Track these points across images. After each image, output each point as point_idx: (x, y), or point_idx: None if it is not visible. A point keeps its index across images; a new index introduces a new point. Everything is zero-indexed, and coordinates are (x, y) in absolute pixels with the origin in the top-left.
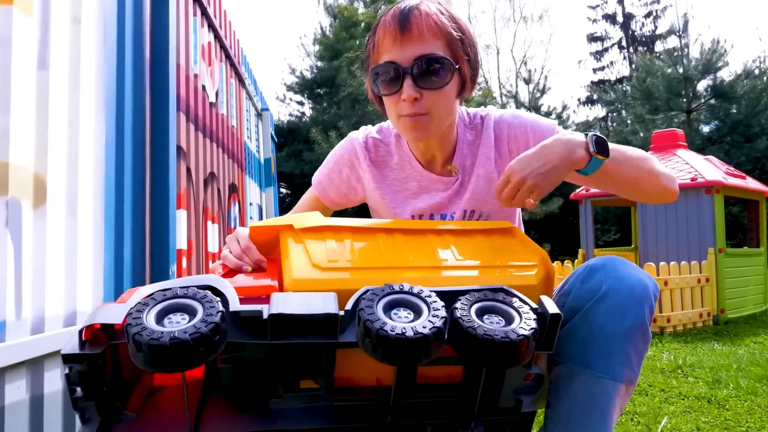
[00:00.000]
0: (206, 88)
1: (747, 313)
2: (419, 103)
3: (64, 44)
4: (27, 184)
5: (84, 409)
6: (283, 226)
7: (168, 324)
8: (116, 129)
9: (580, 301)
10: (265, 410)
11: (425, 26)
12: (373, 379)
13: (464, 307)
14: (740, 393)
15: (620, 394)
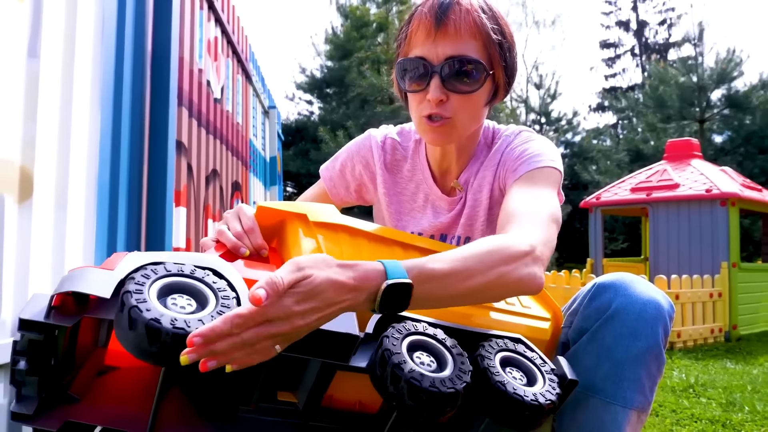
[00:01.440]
0: (211, 83)
1: (760, 330)
2: (444, 106)
3: (59, 32)
4: (12, 178)
5: (23, 384)
6: (295, 214)
7: (172, 307)
8: (113, 122)
9: (587, 322)
10: (233, 419)
11: (463, 24)
12: (356, 402)
13: (490, 357)
14: (756, 417)
15: (631, 423)
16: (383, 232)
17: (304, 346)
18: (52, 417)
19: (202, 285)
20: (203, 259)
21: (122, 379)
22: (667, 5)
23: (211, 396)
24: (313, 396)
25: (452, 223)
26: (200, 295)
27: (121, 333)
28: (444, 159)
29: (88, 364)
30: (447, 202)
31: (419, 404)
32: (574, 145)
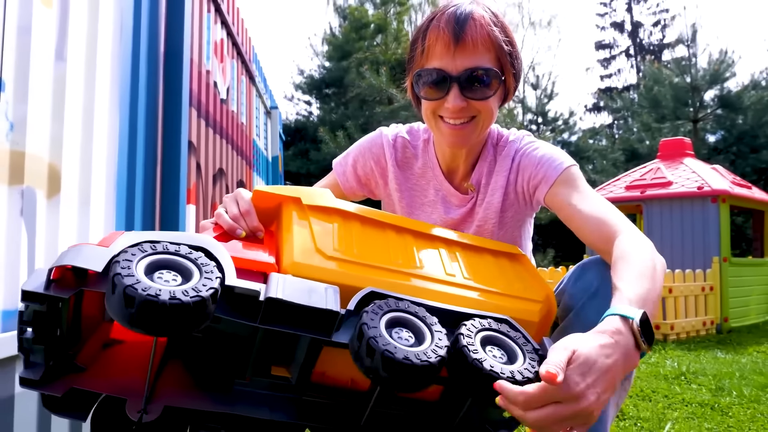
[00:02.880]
0: (218, 84)
1: (750, 323)
2: (464, 112)
3: (82, 36)
4: (42, 173)
5: (30, 351)
6: (290, 198)
7: (158, 281)
8: (129, 122)
9: (573, 300)
10: (227, 391)
11: (479, 38)
12: (348, 380)
13: (470, 335)
14: (743, 401)
15: (617, 391)
16: (376, 215)
17: (289, 321)
18: (58, 384)
19: (187, 261)
20: (195, 239)
21: (126, 351)
22: (661, 6)
23: (208, 369)
24: (303, 371)
25: (462, 220)
26: (185, 270)
27: (115, 308)
28: (453, 158)
29: (95, 336)
30: (458, 198)
31: (394, 376)
32: (570, 144)
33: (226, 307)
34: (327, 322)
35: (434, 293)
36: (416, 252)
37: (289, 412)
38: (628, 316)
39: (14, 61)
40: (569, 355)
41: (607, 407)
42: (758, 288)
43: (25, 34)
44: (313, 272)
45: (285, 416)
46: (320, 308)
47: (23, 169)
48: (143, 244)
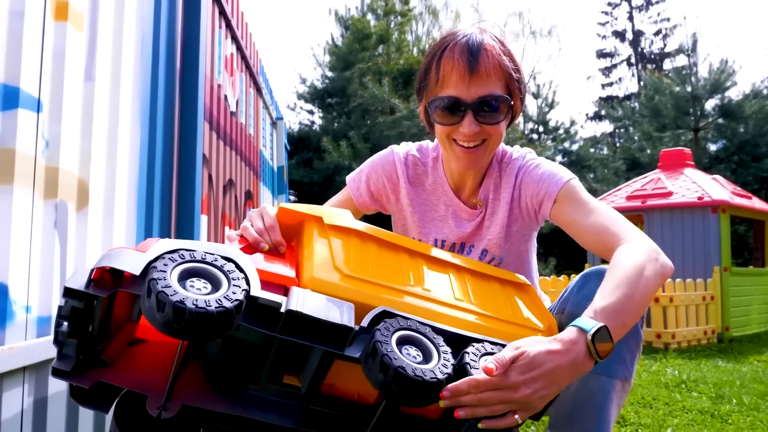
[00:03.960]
0: (228, 97)
1: (751, 332)
2: (477, 136)
3: (107, 57)
4: (72, 187)
5: (64, 345)
6: (312, 216)
7: (190, 288)
8: (149, 137)
9: (577, 308)
10: (242, 395)
11: (492, 68)
12: (355, 393)
13: (474, 359)
14: (743, 409)
15: (617, 391)
16: (391, 238)
17: (306, 333)
18: (86, 376)
19: (217, 271)
20: (225, 250)
21: (148, 350)
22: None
23: (224, 373)
24: (314, 381)
25: (473, 234)
26: (215, 279)
27: (149, 311)
28: (462, 176)
29: (121, 335)
30: (468, 213)
31: (404, 391)
32: (571, 153)
33: (248, 315)
34: (341, 336)
35: (442, 316)
36: (427, 275)
37: (298, 419)
38: (584, 328)
39: (50, 83)
40: (516, 354)
41: (609, 407)
42: (759, 297)
43: (59, 58)
44: (330, 288)
45: (293, 423)
46: (336, 323)
47: (57, 184)
48: (179, 251)
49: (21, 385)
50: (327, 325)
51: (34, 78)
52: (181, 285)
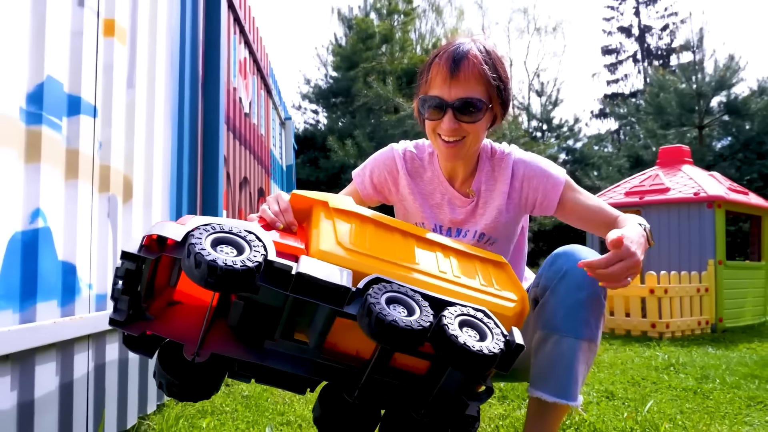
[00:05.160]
0: (242, 99)
1: (745, 324)
2: (455, 132)
3: (144, 67)
4: (120, 183)
5: (119, 300)
6: (319, 201)
7: (219, 252)
8: (178, 139)
9: (548, 281)
10: (259, 348)
11: (471, 74)
12: (354, 350)
13: (450, 317)
14: (725, 387)
15: (583, 350)
16: (386, 220)
17: (312, 293)
18: (135, 327)
19: (241, 240)
20: (247, 225)
21: (183, 310)
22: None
23: (245, 329)
24: (320, 337)
25: (465, 219)
26: (240, 246)
27: (189, 269)
28: (453, 168)
29: (162, 296)
30: (461, 200)
31: (392, 337)
32: (575, 151)
33: (265, 277)
34: (340, 296)
35: (427, 285)
36: (416, 252)
37: (306, 368)
38: (644, 225)
39: (102, 92)
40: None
41: (577, 364)
42: (754, 290)
43: (109, 70)
44: (333, 259)
45: (302, 371)
46: (336, 284)
47: (109, 180)
48: (211, 224)
49: (86, 350)
50: (329, 286)
51: (91, 87)
52: (213, 249)
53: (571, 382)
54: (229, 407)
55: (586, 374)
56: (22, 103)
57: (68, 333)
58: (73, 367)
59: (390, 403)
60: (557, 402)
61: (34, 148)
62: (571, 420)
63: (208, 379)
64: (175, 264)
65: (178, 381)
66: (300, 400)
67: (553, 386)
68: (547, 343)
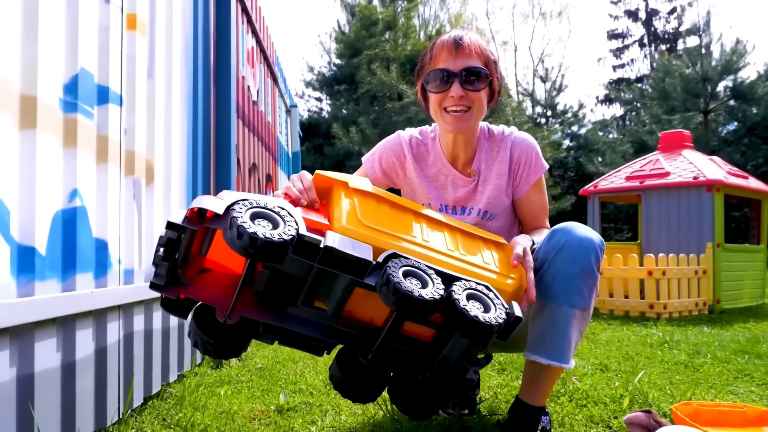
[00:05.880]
0: (250, 88)
1: (743, 306)
2: (463, 100)
3: (162, 58)
4: (143, 167)
5: (159, 266)
6: (340, 181)
7: (257, 225)
8: (192, 127)
9: (546, 255)
10: (282, 313)
11: (473, 48)
12: (368, 318)
13: (459, 291)
14: (715, 361)
15: (576, 318)
16: (400, 201)
17: (336, 265)
18: (172, 290)
19: (276, 215)
20: (280, 202)
21: (213, 277)
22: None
23: (270, 295)
24: (338, 305)
25: (467, 198)
26: (275, 221)
27: (231, 239)
28: (454, 148)
29: (194, 264)
30: (463, 180)
31: (409, 307)
32: (579, 137)
33: (296, 249)
34: (362, 268)
35: (437, 261)
36: (426, 231)
37: (324, 333)
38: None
39: (126, 82)
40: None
41: (570, 331)
42: (753, 273)
43: (131, 61)
44: (354, 235)
45: (321, 335)
46: (359, 257)
47: (134, 164)
48: (249, 200)
49: (117, 320)
50: (352, 259)
51: (117, 78)
52: (252, 223)
53: (564, 347)
54: (245, 377)
55: (578, 340)
56: (60, 93)
57: (102, 302)
58: (106, 335)
59: (399, 366)
60: (551, 364)
61: (71, 135)
62: (565, 389)
63: (237, 339)
64: (207, 235)
65: (213, 340)
66: (311, 371)
67: (548, 350)
68: (543, 311)
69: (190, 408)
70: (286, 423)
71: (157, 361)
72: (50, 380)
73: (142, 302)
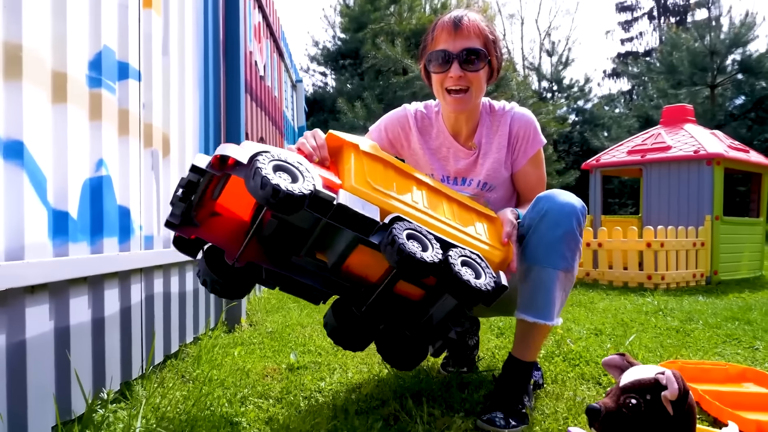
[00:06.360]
0: (257, 63)
1: (741, 277)
2: (462, 80)
3: (175, 35)
4: (160, 139)
5: (175, 205)
6: (351, 143)
7: (278, 177)
8: (204, 101)
9: (531, 221)
10: (286, 261)
11: (471, 29)
12: (364, 274)
13: (455, 257)
14: (706, 327)
15: (560, 279)
16: (406, 168)
17: (344, 221)
18: (185, 230)
19: (295, 169)
20: (300, 157)
21: (223, 221)
22: None
23: (276, 244)
24: (338, 259)
25: (468, 169)
26: (294, 174)
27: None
28: (456, 123)
29: (206, 208)
30: (464, 153)
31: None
32: (585, 111)
33: (310, 203)
34: (369, 227)
35: (436, 228)
36: (428, 199)
37: (323, 283)
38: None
39: (143, 59)
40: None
41: (555, 290)
42: (751, 245)
43: (148, 39)
44: (363, 195)
45: (319, 286)
46: (368, 217)
47: (152, 137)
48: (271, 152)
49: (139, 282)
50: (361, 217)
51: (135, 55)
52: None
53: (549, 306)
54: (257, 340)
55: (564, 299)
56: (86, 69)
57: (126, 264)
58: (130, 295)
59: (388, 321)
60: (537, 322)
61: (96, 108)
62: (560, 350)
63: (243, 281)
64: (221, 181)
65: (221, 280)
66: (319, 335)
67: (534, 309)
68: (530, 273)
69: (207, 365)
70: (297, 379)
71: (174, 322)
72: (83, 334)
73: (161, 267)
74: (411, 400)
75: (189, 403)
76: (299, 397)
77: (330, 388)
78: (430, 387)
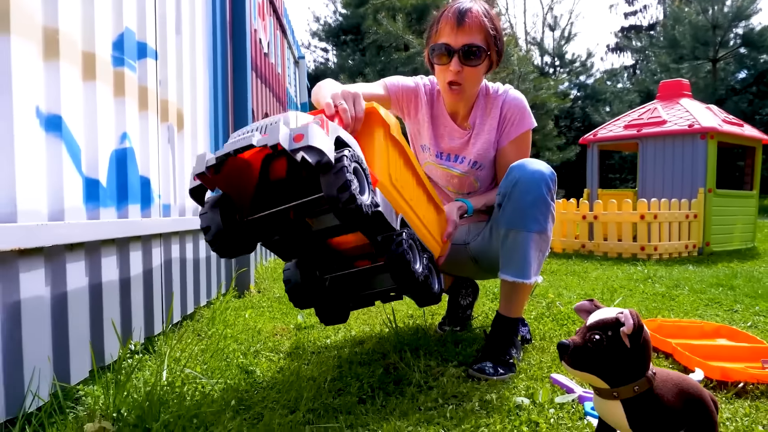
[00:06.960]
0: (261, 40)
1: (732, 248)
2: (460, 74)
3: (186, 15)
4: (174, 114)
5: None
6: (384, 122)
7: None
8: (213, 78)
9: (505, 189)
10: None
11: (474, 25)
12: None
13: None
14: (691, 293)
15: (535, 240)
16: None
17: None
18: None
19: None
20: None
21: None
22: None
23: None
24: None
25: (461, 148)
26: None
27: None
28: (455, 104)
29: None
30: (459, 132)
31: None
32: (587, 87)
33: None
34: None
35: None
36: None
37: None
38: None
39: (158, 38)
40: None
41: (530, 250)
42: (744, 218)
43: (163, 19)
44: (384, 192)
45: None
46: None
47: (168, 112)
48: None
49: (159, 246)
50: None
51: (152, 34)
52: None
53: (526, 266)
54: (266, 304)
55: (541, 259)
56: (110, 49)
57: (148, 229)
58: (151, 258)
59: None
60: (516, 281)
61: (119, 85)
62: (550, 312)
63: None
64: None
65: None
66: None
67: (513, 270)
68: (507, 237)
69: (221, 325)
70: (305, 336)
71: (190, 285)
72: (112, 291)
73: (178, 233)
74: (410, 353)
75: (207, 355)
76: (307, 351)
77: (335, 344)
78: (428, 342)
